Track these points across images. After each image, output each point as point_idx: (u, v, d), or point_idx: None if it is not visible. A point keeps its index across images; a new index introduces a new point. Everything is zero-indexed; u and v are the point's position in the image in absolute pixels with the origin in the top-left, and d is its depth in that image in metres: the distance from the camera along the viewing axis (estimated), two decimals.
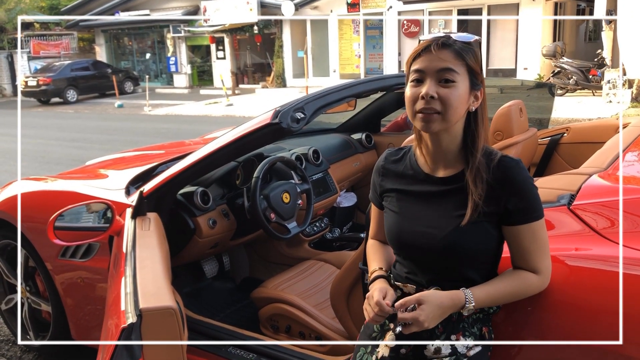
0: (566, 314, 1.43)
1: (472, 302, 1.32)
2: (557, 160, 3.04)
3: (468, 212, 1.31)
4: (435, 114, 1.30)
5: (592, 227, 1.55)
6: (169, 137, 11.00)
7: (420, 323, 1.28)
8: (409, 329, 1.30)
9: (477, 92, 1.35)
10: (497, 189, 1.32)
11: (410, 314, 1.29)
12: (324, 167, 3.41)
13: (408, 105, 1.35)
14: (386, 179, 1.50)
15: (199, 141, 3.80)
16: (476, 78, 1.34)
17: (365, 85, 2.45)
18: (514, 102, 2.65)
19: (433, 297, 1.31)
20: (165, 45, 24.39)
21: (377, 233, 1.61)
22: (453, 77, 1.29)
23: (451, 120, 1.31)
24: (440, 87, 1.29)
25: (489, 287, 1.35)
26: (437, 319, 1.31)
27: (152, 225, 2.13)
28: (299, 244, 3.26)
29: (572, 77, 13.00)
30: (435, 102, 1.29)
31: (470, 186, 1.32)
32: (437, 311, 1.30)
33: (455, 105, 1.30)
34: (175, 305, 1.49)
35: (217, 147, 2.16)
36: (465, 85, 1.31)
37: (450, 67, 1.29)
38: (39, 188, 2.97)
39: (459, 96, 1.30)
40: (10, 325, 3.27)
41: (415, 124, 1.35)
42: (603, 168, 1.88)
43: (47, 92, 20.87)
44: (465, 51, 1.31)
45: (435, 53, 1.30)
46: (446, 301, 1.31)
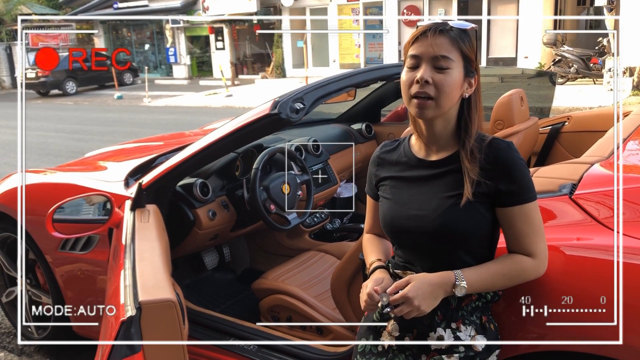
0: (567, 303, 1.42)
1: (462, 280, 1.32)
2: (558, 150, 3.02)
3: (466, 188, 1.32)
4: (429, 100, 1.32)
5: (594, 217, 1.54)
6: (169, 128, 10.97)
7: (409, 300, 1.29)
8: (401, 310, 1.31)
9: (471, 79, 1.36)
10: (489, 170, 1.33)
11: (399, 294, 1.31)
12: (324, 157, 3.40)
13: (403, 89, 1.37)
14: (381, 168, 1.52)
15: (199, 132, 3.79)
16: (470, 65, 1.35)
17: (365, 74, 2.43)
18: (514, 91, 2.63)
19: (421, 276, 1.34)
20: (164, 36, 24.29)
21: (373, 226, 1.62)
22: (448, 64, 1.31)
23: (444, 106, 1.33)
24: (435, 72, 1.31)
25: (480, 268, 1.36)
26: (428, 298, 1.31)
27: (151, 217, 2.13)
28: (299, 235, 3.25)
29: (572, 66, 12.94)
30: (430, 87, 1.31)
31: (466, 164, 1.34)
32: (426, 288, 1.31)
33: (449, 91, 1.32)
34: (175, 298, 1.49)
35: (216, 139, 2.15)
36: (459, 72, 1.33)
37: (445, 54, 1.31)
38: (38, 180, 2.96)
39: (453, 82, 1.32)
40: (11, 318, 3.27)
41: (410, 109, 1.37)
42: (605, 157, 1.86)
43: (46, 84, 20.82)
44: (461, 38, 1.33)
45: (431, 39, 1.32)
46: (435, 279, 1.33)
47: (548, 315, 1.44)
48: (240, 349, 2.27)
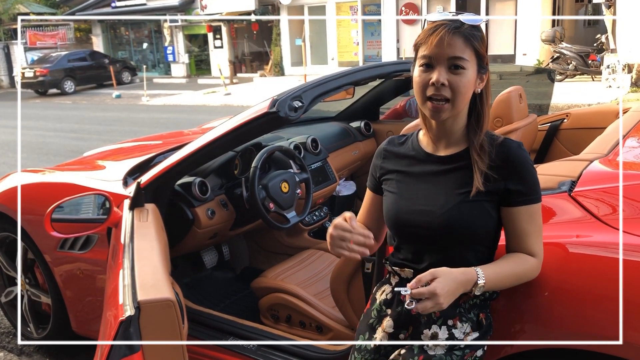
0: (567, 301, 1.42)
1: (482, 278, 1.29)
2: (557, 147, 3.02)
3: (476, 182, 1.32)
4: (445, 103, 1.31)
5: (593, 214, 1.54)
6: (167, 127, 10.96)
7: (437, 296, 1.23)
8: (424, 305, 1.24)
9: (483, 74, 1.36)
10: (499, 168, 1.33)
11: (426, 288, 1.24)
12: (323, 155, 3.39)
13: (418, 90, 1.35)
14: (387, 160, 1.51)
15: (197, 131, 3.78)
16: (482, 61, 1.35)
17: (363, 72, 2.43)
18: (513, 88, 2.63)
19: (447, 271, 1.28)
20: (162, 34, 24.25)
21: (366, 220, 1.58)
22: (463, 64, 1.30)
23: (460, 106, 1.34)
24: (450, 74, 1.30)
25: (497, 267, 1.35)
26: (451, 295, 1.27)
27: (150, 216, 2.12)
28: (299, 233, 3.25)
29: (571, 63, 12.93)
30: (446, 89, 1.30)
31: (476, 158, 1.33)
32: (452, 285, 1.26)
33: (464, 92, 1.32)
34: (174, 297, 1.48)
35: (215, 137, 2.14)
36: (473, 71, 1.33)
37: (460, 54, 1.30)
38: (36, 180, 2.95)
39: (468, 82, 1.32)
40: (11, 318, 3.27)
41: (424, 110, 1.36)
42: (604, 154, 1.86)
43: (45, 83, 20.78)
44: (474, 36, 1.32)
45: (445, 39, 1.29)
46: (460, 276, 1.29)
47: (547, 313, 1.44)
48: (240, 348, 2.27)
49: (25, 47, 25.35)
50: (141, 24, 25.30)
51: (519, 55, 16.08)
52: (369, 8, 18.86)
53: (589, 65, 12.80)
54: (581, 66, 12.84)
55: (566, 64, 13.02)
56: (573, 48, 13.03)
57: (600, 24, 14.32)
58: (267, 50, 21.83)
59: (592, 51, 12.81)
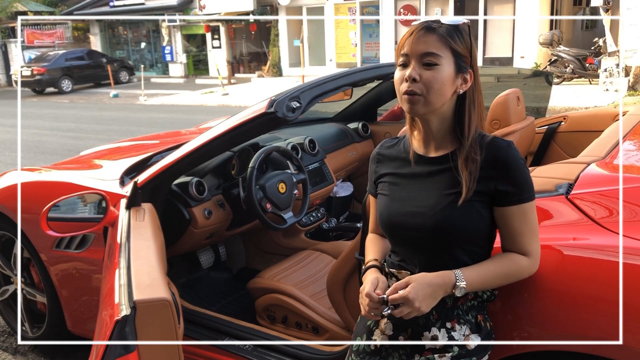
0: (564, 304, 1.42)
1: (462, 280, 1.31)
2: (554, 149, 3.02)
3: (463, 191, 1.32)
4: (418, 96, 1.32)
5: (591, 217, 1.54)
6: (165, 126, 10.95)
7: (410, 301, 1.28)
8: (401, 311, 1.30)
9: (465, 74, 1.35)
10: (488, 169, 1.33)
11: (399, 294, 1.30)
12: (320, 156, 3.39)
13: (396, 87, 1.38)
14: (381, 164, 1.52)
15: (195, 131, 3.77)
16: (463, 61, 1.34)
17: (361, 73, 2.43)
18: (511, 91, 2.63)
19: (421, 276, 1.33)
20: (160, 34, 24.23)
21: (376, 226, 1.60)
22: (436, 60, 1.31)
23: (434, 102, 1.33)
24: (423, 70, 1.32)
25: (479, 268, 1.35)
26: (429, 298, 1.30)
27: (146, 216, 2.12)
28: (296, 234, 3.24)
29: (568, 66, 12.96)
30: (418, 84, 1.32)
31: (460, 166, 1.34)
32: (427, 289, 1.30)
33: (437, 88, 1.32)
34: (170, 297, 1.48)
35: (212, 137, 2.14)
36: (449, 69, 1.32)
37: (433, 51, 1.31)
38: (33, 179, 2.94)
39: (442, 79, 1.31)
40: (6, 317, 3.26)
41: (402, 106, 1.38)
42: (601, 157, 1.87)
43: (42, 81, 20.75)
44: (451, 35, 1.32)
45: (419, 37, 1.32)
46: (435, 279, 1.31)
47: (544, 315, 1.44)
48: (236, 348, 2.27)
49: (22, 45, 25.31)
50: (139, 24, 25.27)
51: (516, 57, 16.12)
52: (367, 9, 18.88)
53: (586, 68, 12.84)
54: (579, 69, 12.88)
55: (564, 67, 13.05)
56: (571, 51, 13.07)
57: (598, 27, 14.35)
58: (265, 51, 21.83)
59: (589, 54, 12.84)
